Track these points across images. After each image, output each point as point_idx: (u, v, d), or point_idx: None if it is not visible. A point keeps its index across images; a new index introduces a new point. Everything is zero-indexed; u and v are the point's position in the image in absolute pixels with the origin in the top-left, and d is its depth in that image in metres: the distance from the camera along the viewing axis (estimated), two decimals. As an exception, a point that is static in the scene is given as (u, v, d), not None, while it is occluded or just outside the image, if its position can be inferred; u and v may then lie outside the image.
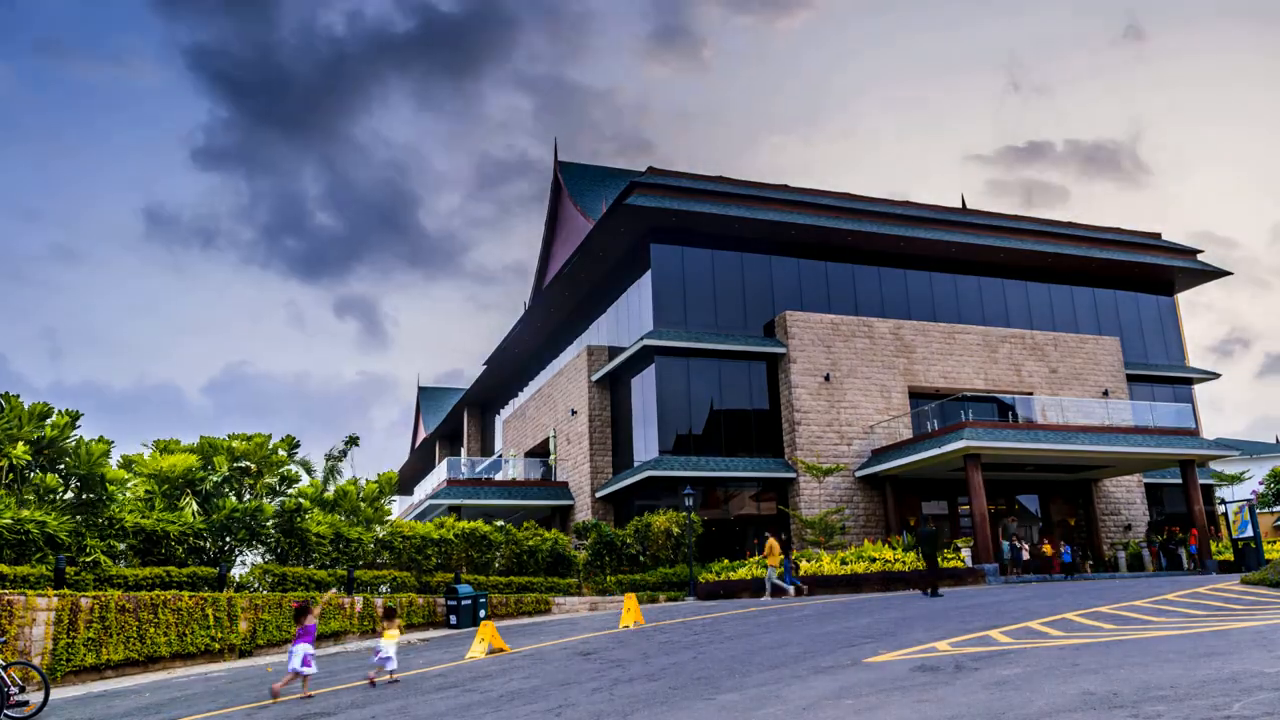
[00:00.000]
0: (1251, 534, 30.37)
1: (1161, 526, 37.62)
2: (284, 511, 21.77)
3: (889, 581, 26.38)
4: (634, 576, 28.18)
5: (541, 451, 41.70)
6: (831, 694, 8.12)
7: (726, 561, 29.79)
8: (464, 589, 22.21)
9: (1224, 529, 34.82)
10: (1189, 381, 42.48)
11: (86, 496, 18.95)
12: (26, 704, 11.09)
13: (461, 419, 57.73)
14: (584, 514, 35.30)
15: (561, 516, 37.88)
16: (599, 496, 34.90)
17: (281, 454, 22.98)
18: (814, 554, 28.73)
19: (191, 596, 17.34)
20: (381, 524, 24.76)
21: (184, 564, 19.60)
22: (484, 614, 21.98)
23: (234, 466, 22.14)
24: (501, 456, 46.06)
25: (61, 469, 19.05)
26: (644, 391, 34.11)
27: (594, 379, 36.55)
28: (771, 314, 35.28)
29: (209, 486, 21.42)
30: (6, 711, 10.74)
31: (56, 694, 13.12)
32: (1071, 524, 36.21)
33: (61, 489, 18.80)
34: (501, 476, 43.25)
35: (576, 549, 29.54)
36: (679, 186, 34.87)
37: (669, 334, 33.15)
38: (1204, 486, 40.86)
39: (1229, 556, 31.76)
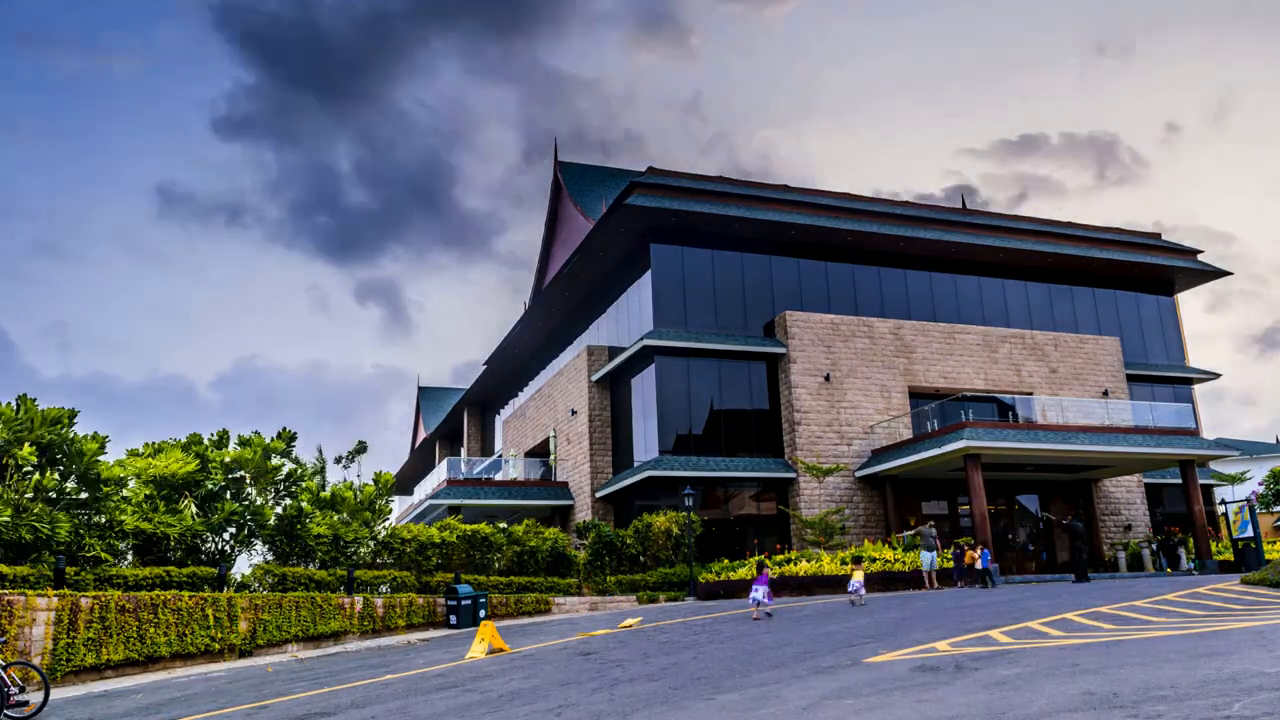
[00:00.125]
0: (1251, 534, 30.39)
1: (1162, 526, 37.65)
2: (285, 517, 21.84)
3: (889, 581, 26.40)
4: (634, 576, 28.18)
5: (541, 451, 41.69)
6: (832, 694, 8.12)
7: (726, 561, 29.79)
8: (464, 589, 22.23)
9: (1224, 529, 34.83)
10: (1189, 381, 42.50)
11: (83, 495, 18.91)
12: (26, 704, 11.10)
13: (461, 419, 57.73)
14: (584, 514, 35.29)
15: (561, 516, 37.88)
16: (599, 496, 34.89)
17: (276, 460, 22.87)
18: (814, 554, 28.73)
19: (191, 596, 17.35)
20: (381, 525, 24.76)
21: (184, 564, 19.63)
22: (484, 614, 22.01)
23: (230, 477, 22.11)
24: (501, 456, 46.04)
25: (60, 468, 19.02)
26: (644, 391, 34.11)
27: (594, 379, 36.55)
28: (771, 314, 35.27)
29: (205, 491, 21.39)
30: (6, 711, 10.74)
31: (56, 694, 13.12)
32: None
33: (57, 485, 18.76)
34: (501, 476, 43.23)
35: (576, 549, 29.55)
36: (679, 186, 34.89)
37: (669, 334, 33.15)
38: (1204, 486, 40.90)
39: (1229, 556, 31.78)
